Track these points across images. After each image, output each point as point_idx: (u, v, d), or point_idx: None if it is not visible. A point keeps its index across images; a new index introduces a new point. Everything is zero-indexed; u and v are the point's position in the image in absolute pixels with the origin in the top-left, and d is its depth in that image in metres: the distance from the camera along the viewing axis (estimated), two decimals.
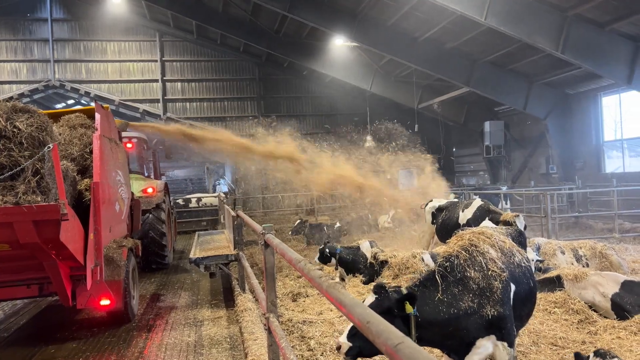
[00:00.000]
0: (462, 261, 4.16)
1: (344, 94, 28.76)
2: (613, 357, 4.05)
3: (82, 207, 6.50)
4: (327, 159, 17.04)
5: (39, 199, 5.49)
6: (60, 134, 7.27)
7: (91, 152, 7.04)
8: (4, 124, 5.64)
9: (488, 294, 4.04)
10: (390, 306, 3.82)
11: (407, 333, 3.82)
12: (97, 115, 7.31)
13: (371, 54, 24.07)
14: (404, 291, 3.90)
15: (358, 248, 9.84)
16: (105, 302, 6.71)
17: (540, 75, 20.64)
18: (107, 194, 7.07)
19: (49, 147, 5.52)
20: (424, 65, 21.69)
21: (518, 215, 8.89)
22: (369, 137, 27.82)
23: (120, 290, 7.13)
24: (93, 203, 6.33)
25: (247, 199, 26.44)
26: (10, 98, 24.45)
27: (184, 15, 24.66)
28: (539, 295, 6.90)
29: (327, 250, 9.67)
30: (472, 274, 4.10)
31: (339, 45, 23.23)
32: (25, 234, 5.41)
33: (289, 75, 29.45)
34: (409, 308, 3.84)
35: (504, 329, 4.10)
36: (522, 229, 8.92)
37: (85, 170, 7.12)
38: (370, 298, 3.87)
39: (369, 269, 9.04)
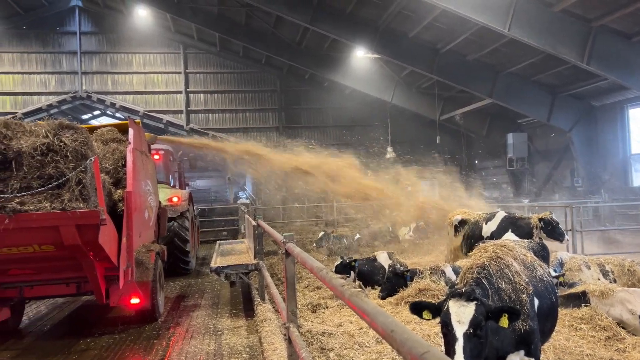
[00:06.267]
0: (494, 271, 3.94)
1: (365, 106, 28.71)
2: None
3: (115, 214, 7.13)
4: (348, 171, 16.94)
5: (81, 205, 6.09)
6: None
7: (124, 165, 7.73)
8: (52, 139, 6.29)
9: (518, 307, 3.82)
10: (487, 316, 3.41)
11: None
12: (131, 130, 7.95)
13: (392, 65, 24.06)
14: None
15: (375, 259, 9.72)
16: (135, 300, 7.36)
17: (565, 87, 20.35)
18: (138, 203, 7.65)
19: (91, 160, 6.23)
20: (445, 76, 21.60)
21: (552, 213, 8.97)
22: (389, 149, 27.69)
23: (148, 290, 7.68)
24: (126, 210, 6.99)
25: (267, 209, 26.50)
26: (39, 109, 25.50)
27: (208, 28, 25.00)
28: (564, 311, 6.74)
29: (345, 261, 9.61)
30: (504, 286, 3.90)
31: (360, 56, 23.23)
32: (69, 237, 6.06)
33: (310, 87, 29.56)
34: (504, 322, 3.43)
35: (532, 344, 3.97)
36: (558, 223, 8.98)
37: (118, 182, 7.76)
38: (470, 305, 3.40)
39: (387, 283, 8.80)
